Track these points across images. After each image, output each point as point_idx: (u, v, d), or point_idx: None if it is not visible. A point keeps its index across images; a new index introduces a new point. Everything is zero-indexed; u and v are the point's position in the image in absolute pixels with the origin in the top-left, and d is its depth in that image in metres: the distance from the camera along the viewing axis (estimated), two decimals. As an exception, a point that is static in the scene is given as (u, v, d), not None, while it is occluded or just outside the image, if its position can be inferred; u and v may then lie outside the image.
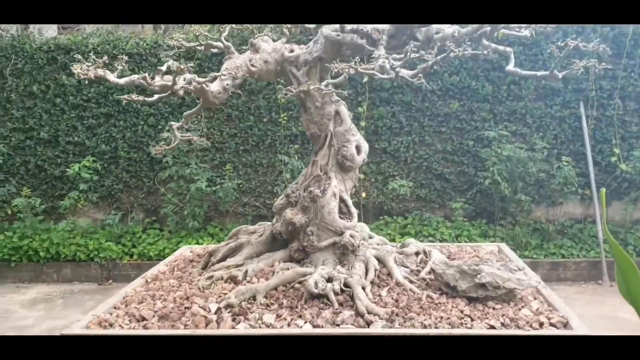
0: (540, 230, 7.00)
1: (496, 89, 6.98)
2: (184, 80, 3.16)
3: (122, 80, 3.12)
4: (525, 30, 3.78)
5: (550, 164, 6.81)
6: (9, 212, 7.49)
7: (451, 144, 7.14)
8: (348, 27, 3.30)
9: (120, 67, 3.35)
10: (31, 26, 7.73)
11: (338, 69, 2.81)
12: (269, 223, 4.03)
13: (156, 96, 3.35)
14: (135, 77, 3.10)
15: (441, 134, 7.15)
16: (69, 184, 7.50)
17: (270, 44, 3.77)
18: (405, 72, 2.82)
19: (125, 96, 3.23)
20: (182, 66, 3.12)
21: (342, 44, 3.48)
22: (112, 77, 3.13)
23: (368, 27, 3.30)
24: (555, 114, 6.95)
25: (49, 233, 7.25)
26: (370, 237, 4.18)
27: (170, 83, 3.04)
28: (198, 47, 4.00)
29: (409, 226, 7.08)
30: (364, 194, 7.21)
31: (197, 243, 7.03)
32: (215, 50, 3.94)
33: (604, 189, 2.61)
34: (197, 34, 3.80)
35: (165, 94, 3.22)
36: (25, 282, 7.21)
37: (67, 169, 7.22)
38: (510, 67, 3.47)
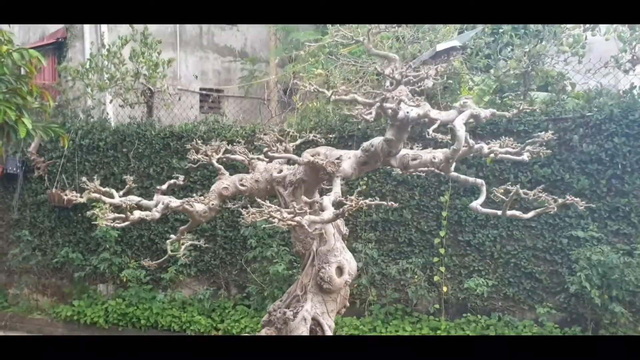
0: (648, 348, 6.02)
1: (594, 182, 6.30)
2: (162, 204, 3.42)
3: (115, 201, 3.49)
4: (524, 154, 3.49)
5: (656, 272, 5.91)
6: (124, 279, 8.35)
7: (542, 240, 6.53)
8: (303, 159, 3.33)
9: (128, 185, 3.75)
10: (154, 115, 8.73)
11: (250, 214, 2.85)
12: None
13: (137, 217, 3.64)
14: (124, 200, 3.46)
15: (531, 229, 6.58)
16: (175, 256, 8.15)
17: (263, 163, 3.92)
18: (314, 219, 2.82)
19: (101, 222, 3.57)
20: (163, 187, 3.42)
21: (319, 169, 3.50)
22: (108, 199, 3.51)
23: (325, 160, 3.30)
24: (667, 213, 6.07)
25: (151, 303, 7.93)
26: None
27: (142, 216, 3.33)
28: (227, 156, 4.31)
29: (491, 328, 6.54)
30: (445, 288, 6.85)
31: (276, 325, 7.19)
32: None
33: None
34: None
35: (145, 217, 3.51)
36: (128, 346, 7.91)
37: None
38: (476, 203, 3.21)
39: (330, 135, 7.13)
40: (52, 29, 10.93)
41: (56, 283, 9.03)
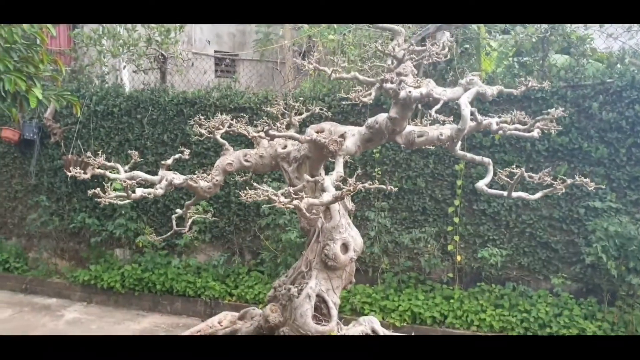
0: (665, 319, 5.94)
1: (613, 151, 6.13)
2: (166, 180, 3.40)
3: (120, 176, 3.47)
4: (535, 131, 3.37)
5: (675, 243, 5.77)
6: (140, 245, 8.43)
7: (559, 210, 6.42)
8: (305, 137, 3.27)
9: (133, 160, 3.73)
10: (168, 80, 8.67)
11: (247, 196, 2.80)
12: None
13: (139, 195, 3.62)
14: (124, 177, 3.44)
15: (548, 198, 6.44)
16: (184, 229, 8.19)
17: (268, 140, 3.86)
18: (313, 202, 2.79)
19: (103, 200, 3.55)
20: (168, 162, 3.39)
21: (323, 146, 3.43)
22: (112, 175, 3.49)
23: (328, 137, 3.23)
24: (689, 183, 5.90)
25: (166, 268, 8.02)
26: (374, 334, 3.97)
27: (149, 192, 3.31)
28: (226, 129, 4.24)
29: (505, 297, 6.49)
30: (459, 258, 6.80)
31: (289, 291, 7.23)
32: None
33: None
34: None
35: (147, 194, 3.49)
36: (145, 311, 8.05)
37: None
38: (481, 183, 3.12)
39: (344, 103, 7.04)
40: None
41: (74, 247, 9.16)
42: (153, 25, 7.80)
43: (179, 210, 4.34)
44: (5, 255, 9.38)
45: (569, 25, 6.53)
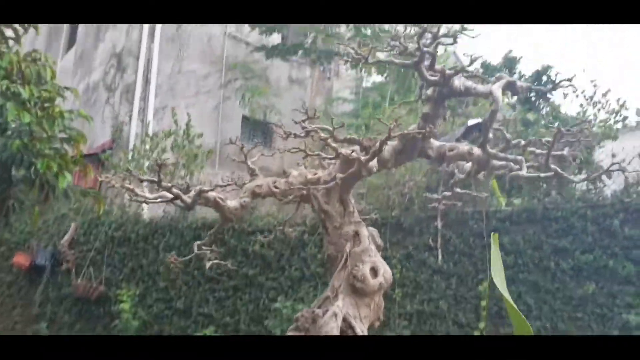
0: None
1: (641, 268, 6.01)
2: (195, 191, 3.40)
3: (149, 195, 3.47)
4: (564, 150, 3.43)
5: None
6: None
7: (591, 332, 6.07)
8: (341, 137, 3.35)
9: (163, 175, 3.75)
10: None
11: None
12: None
13: (159, 199, 3.60)
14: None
15: (577, 320, 6.15)
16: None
17: (298, 170, 3.92)
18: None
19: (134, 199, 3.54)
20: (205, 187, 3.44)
21: (354, 162, 3.49)
22: (140, 191, 3.50)
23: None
24: None
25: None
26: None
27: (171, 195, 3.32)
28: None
29: None
30: (486, 387, 6.26)
31: None
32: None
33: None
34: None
35: (168, 199, 3.47)
36: None
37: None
38: (517, 172, 3.13)
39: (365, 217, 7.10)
40: (101, 140, 11.55)
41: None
42: (181, 151, 8.19)
43: (197, 242, 4.19)
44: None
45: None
